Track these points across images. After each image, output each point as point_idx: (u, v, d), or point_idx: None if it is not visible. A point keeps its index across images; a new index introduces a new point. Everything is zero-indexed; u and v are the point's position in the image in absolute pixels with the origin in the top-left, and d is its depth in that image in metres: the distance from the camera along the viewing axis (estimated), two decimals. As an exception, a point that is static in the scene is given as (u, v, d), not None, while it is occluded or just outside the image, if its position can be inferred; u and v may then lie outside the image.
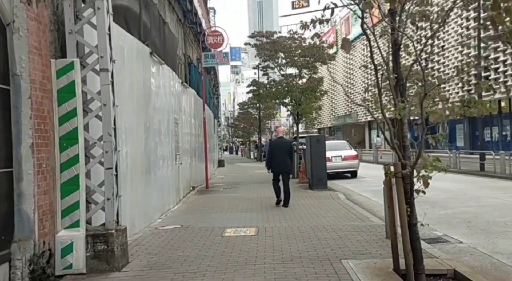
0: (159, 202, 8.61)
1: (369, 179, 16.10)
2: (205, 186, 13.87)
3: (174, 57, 11.08)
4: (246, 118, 44.10)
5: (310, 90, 16.06)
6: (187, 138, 12.71)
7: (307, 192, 11.98)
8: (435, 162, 4.27)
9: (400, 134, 4.37)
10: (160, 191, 8.68)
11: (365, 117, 46.29)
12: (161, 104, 8.98)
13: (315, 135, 12.77)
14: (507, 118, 26.33)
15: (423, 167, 4.17)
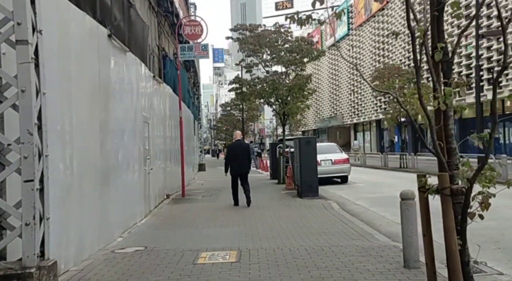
0: (121, 216, 7.14)
1: (361, 185, 14.88)
2: (181, 194, 12.39)
3: (144, 47, 9.62)
4: (229, 120, 42.70)
5: (297, 88, 14.78)
6: (160, 141, 11.24)
7: (296, 201, 10.65)
8: (491, 172, 2.98)
9: (443, 132, 3.06)
10: (123, 202, 7.21)
11: (351, 120, 45.44)
12: (125, 99, 7.53)
13: (305, 137, 11.46)
14: None
15: (479, 180, 2.87)
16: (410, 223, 4.45)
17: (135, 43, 8.48)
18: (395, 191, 13.08)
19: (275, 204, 10.21)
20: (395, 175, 18.63)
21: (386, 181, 15.86)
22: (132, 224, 7.78)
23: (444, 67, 3.07)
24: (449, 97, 2.93)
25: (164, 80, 12.40)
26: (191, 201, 11.50)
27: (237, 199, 10.03)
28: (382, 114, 25.17)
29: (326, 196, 11.41)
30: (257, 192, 13.04)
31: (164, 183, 11.83)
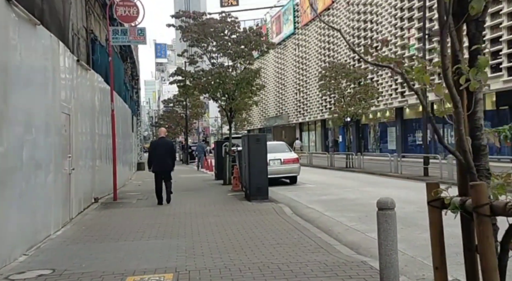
0: (26, 227, 5.66)
1: (311, 186, 14.18)
2: (112, 197, 10.88)
3: (65, 25, 8.08)
4: (172, 117, 40.79)
5: (245, 82, 13.74)
6: (87, 137, 9.68)
7: (244, 205, 9.61)
8: None
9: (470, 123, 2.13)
10: (29, 210, 5.73)
11: (296, 119, 45.36)
12: (33, 85, 6.03)
13: (254, 135, 10.46)
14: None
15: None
16: (390, 239, 3.57)
17: (50, 16, 6.97)
18: (347, 192, 12.60)
19: (220, 209, 9.11)
20: (343, 175, 18.27)
21: (335, 182, 15.33)
22: (43, 236, 6.30)
23: (471, 29, 2.14)
24: (483, 70, 2.00)
25: (93, 68, 10.81)
26: (124, 205, 10.06)
27: (160, 197, 9.90)
28: (329, 114, 24.92)
29: (276, 198, 10.49)
30: (201, 194, 11.85)
31: (92, 185, 10.27)
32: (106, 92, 11.72)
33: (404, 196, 10.38)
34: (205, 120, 70.46)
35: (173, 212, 8.89)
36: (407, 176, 16.05)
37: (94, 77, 10.57)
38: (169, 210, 9.15)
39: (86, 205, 9.57)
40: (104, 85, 11.66)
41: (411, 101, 26.05)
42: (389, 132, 30.68)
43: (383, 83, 28.72)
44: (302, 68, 43.54)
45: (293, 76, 45.96)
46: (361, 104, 21.36)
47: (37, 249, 5.77)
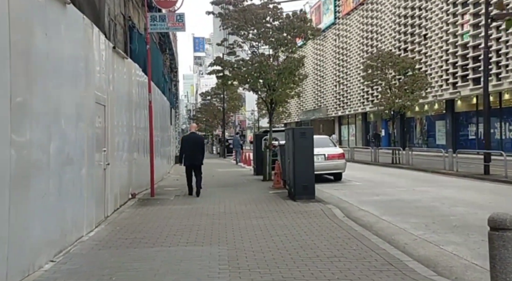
0: (54, 229, 5.12)
1: (358, 183, 13.17)
2: (150, 193, 10.37)
3: (99, 8, 7.52)
4: (209, 110, 40.49)
5: (288, 72, 12.84)
6: (123, 129, 9.17)
7: (289, 205, 8.79)
8: None
9: None
10: (56, 210, 5.18)
11: (335, 112, 43.93)
12: (62, 70, 5.46)
13: (299, 128, 9.59)
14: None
15: None
16: (510, 270, 2.63)
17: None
18: (401, 192, 11.04)
19: (263, 209, 8.34)
20: (390, 172, 17.06)
21: (384, 179, 14.22)
22: (74, 238, 5.77)
23: None
24: None
25: (131, 57, 10.30)
26: (161, 202, 9.51)
27: (191, 188, 10.31)
28: (372, 107, 23.54)
29: (322, 198, 9.61)
30: (241, 191, 11.15)
31: (129, 180, 9.79)
32: (144, 83, 11.22)
33: (470, 198, 9.22)
34: (242, 114, 70.10)
35: (212, 211, 8.22)
36: (463, 174, 14.67)
37: (132, 66, 10.05)
38: (208, 209, 8.48)
39: (123, 202, 9.09)
40: (142, 75, 11.15)
41: (464, 92, 24.20)
42: (438, 126, 28.82)
43: (433, 73, 26.88)
44: (343, 59, 41.97)
45: (333, 68, 44.45)
46: (409, 96, 19.92)
47: (66, 254, 5.23)
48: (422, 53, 27.79)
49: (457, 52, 24.68)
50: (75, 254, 5.21)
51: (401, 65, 20.20)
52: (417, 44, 28.77)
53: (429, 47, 27.41)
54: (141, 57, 11.22)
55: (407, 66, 20.23)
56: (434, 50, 26.95)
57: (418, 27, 28.81)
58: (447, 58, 25.60)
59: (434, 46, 26.92)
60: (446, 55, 25.72)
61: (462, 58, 24.43)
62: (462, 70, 24.29)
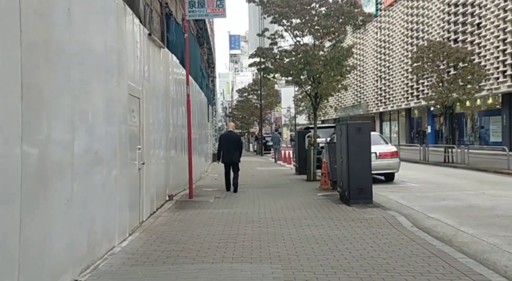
0: (79, 242, 4.36)
1: (415, 185, 11.88)
2: (188, 194, 9.60)
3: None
4: (246, 107, 39.77)
5: (335, 62, 11.74)
6: (160, 124, 8.44)
7: (343, 210, 7.73)
8: None
9: None
10: (82, 219, 4.43)
11: (377, 108, 42.02)
12: (88, 56, 4.69)
13: (355, 122, 8.52)
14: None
15: None
16: None
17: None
18: (471, 196, 9.37)
19: (314, 215, 7.34)
20: (447, 172, 15.55)
21: (443, 181, 12.83)
22: (104, 250, 5.01)
23: None
24: None
25: (168, 48, 9.56)
26: (201, 205, 8.70)
27: (229, 185, 10.52)
28: (424, 101, 21.86)
29: (379, 202, 8.49)
30: (285, 193, 10.19)
31: (166, 181, 9.06)
32: (182, 76, 10.47)
33: None
34: (277, 111, 69.02)
35: (257, 217, 7.31)
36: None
37: (169, 57, 9.30)
38: (252, 214, 7.58)
39: (159, 204, 8.35)
40: (179, 67, 10.40)
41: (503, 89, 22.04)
42: (492, 122, 26.61)
43: (487, 65, 24.77)
44: (385, 53, 40.00)
45: (374, 62, 42.51)
46: (465, 88, 18.23)
47: (94, 271, 4.45)
48: (475, 43, 25.67)
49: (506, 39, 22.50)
50: (104, 272, 4.43)
51: (456, 56, 18.52)
52: (469, 34, 26.66)
53: (483, 37, 25.27)
54: (179, 49, 10.48)
55: (462, 57, 18.51)
56: (489, 40, 24.82)
57: (471, 16, 26.68)
58: (505, 48, 23.46)
59: (489, 36, 24.79)
60: (503, 45, 23.59)
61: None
62: (523, 61, 22.14)
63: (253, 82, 39.17)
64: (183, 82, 10.45)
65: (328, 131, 19.17)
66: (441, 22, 30.04)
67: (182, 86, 10.77)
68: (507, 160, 14.86)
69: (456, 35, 27.92)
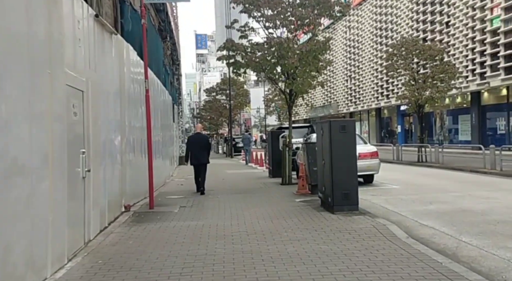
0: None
1: (396, 187, 11.16)
2: (148, 204, 8.38)
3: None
4: (214, 107, 38.54)
5: (312, 56, 10.84)
6: (112, 125, 7.22)
7: (328, 219, 6.78)
8: None
9: None
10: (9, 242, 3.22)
11: (347, 108, 41.82)
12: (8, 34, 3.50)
13: (339, 120, 7.64)
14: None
15: None
16: None
17: None
18: (459, 198, 8.46)
19: (296, 226, 6.35)
20: (424, 172, 15.02)
21: (423, 181, 12.20)
22: (29, 287, 3.80)
23: None
24: None
25: (123, 37, 8.34)
26: (163, 216, 7.53)
27: (198, 186, 10.53)
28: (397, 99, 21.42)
29: (363, 207, 7.60)
30: (260, 199, 9.17)
31: (121, 189, 7.83)
32: (140, 69, 9.25)
33: None
34: (247, 112, 68.12)
35: (230, 230, 6.24)
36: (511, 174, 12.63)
37: (123, 46, 8.08)
38: (224, 226, 6.51)
39: (113, 217, 7.13)
40: (137, 61, 9.18)
41: (494, 83, 22.06)
42: (461, 121, 26.68)
43: (457, 63, 24.73)
44: (354, 52, 39.81)
45: (343, 61, 42.30)
46: (438, 87, 17.86)
47: (9, 317, 3.26)
48: (444, 42, 25.59)
49: (486, 39, 22.51)
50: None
51: (428, 53, 18.14)
52: (438, 33, 26.62)
53: (452, 36, 25.25)
54: (136, 40, 9.26)
55: (435, 55, 18.15)
56: (458, 39, 24.79)
57: (440, 14, 26.65)
58: (474, 47, 23.46)
59: (458, 34, 24.77)
60: (472, 43, 23.58)
61: (491, 46, 22.25)
62: (492, 59, 22.15)
63: (222, 81, 38.03)
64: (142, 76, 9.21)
65: (301, 131, 18.35)
66: (410, 21, 29.97)
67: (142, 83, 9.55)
68: (483, 158, 14.47)
69: (425, 34, 27.85)
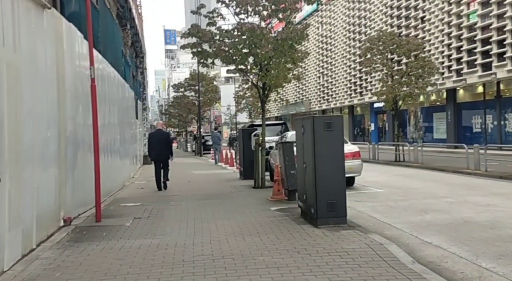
0: None
1: (379, 190, 10.18)
2: (95, 215, 6.94)
3: None
4: (182, 103, 36.86)
5: (287, 45, 9.66)
6: (44, 119, 5.77)
7: (310, 235, 5.59)
8: None
9: None
10: None
11: (319, 106, 41.10)
12: None
13: (324, 116, 6.49)
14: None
15: None
16: None
17: None
18: (455, 205, 7.35)
19: (274, 247, 5.13)
20: (405, 173, 14.20)
21: (408, 184, 11.30)
22: None
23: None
24: None
25: (64, 16, 6.86)
26: (110, 232, 6.15)
27: (159, 184, 10.71)
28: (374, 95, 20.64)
29: (349, 217, 6.46)
30: (230, 207, 7.90)
31: (60, 198, 6.40)
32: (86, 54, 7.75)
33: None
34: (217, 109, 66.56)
35: (192, 252, 4.96)
36: (498, 175, 11.95)
37: (62, 26, 6.60)
38: (184, 247, 5.22)
39: (45, 235, 5.70)
40: (83, 42, 7.68)
41: (471, 80, 21.66)
42: (436, 119, 26.33)
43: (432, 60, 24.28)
44: (327, 48, 39.10)
45: (315, 58, 41.50)
46: (417, 83, 17.16)
47: None
48: (419, 38, 25.08)
49: (462, 35, 22.10)
50: None
51: (406, 48, 17.39)
52: (413, 29, 26.13)
53: (428, 31, 24.77)
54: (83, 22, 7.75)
55: (413, 49, 17.42)
56: (433, 34, 24.32)
57: (414, 9, 26.15)
58: (450, 43, 23.03)
59: (434, 30, 24.30)
60: (448, 39, 23.14)
61: (468, 42, 21.85)
62: (468, 55, 21.75)
63: (191, 77, 36.38)
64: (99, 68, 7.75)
65: (274, 129, 17.23)
66: (384, 16, 29.41)
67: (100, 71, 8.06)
68: (466, 158, 13.78)
69: (399, 30, 27.31)
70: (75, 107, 7.20)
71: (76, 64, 7.41)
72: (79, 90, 7.41)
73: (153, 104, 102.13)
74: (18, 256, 4.76)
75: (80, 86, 7.44)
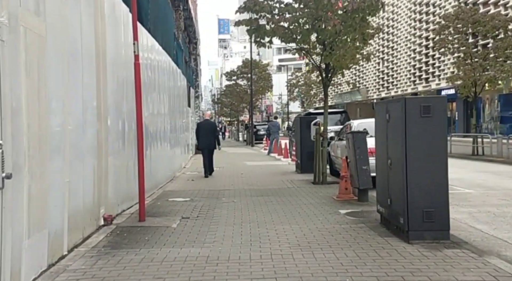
0: None
1: (468, 191, 8.56)
2: (138, 213, 6.06)
3: None
4: (235, 92, 36.12)
5: (360, 18, 8.23)
6: (83, 104, 4.91)
7: (401, 253, 4.28)
8: None
9: None
10: None
11: (378, 94, 38.65)
12: None
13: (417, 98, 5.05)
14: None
15: None
16: None
17: None
18: None
19: (356, 270, 3.90)
20: (490, 169, 12.30)
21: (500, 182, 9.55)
22: None
23: None
24: None
25: None
26: (153, 236, 5.22)
27: (206, 169, 11.30)
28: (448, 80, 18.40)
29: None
30: (291, 209, 6.71)
31: (98, 194, 5.56)
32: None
33: None
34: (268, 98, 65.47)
35: (249, 273, 3.87)
36: None
37: None
38: (238, 263, 4.15)
39: (81, 237, 4.87)
40: (129, 17, 6.78)
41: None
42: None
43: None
44: (388, 32, 36.49)
45: (375, 42, 38.85)
46: (503, 65, 14.91)
47: None
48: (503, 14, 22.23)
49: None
50: None
51: (491, 25, 15.13)
52: (493, 6, 23.24)
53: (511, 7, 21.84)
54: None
55: (500, 26, 15.13)
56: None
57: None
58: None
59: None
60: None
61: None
62: None
63: (243, 64, 35.46)
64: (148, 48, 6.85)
65: (333, 118, 15.84)
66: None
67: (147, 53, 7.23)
68: None
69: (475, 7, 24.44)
70: (119, 89, 6.34)
71: (121, 39, 6.53)
72: (123, 70, 6.54)
73: (206, 94, 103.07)
74: (42, 267, 3.93)
75: (124, 66, 6.56)
